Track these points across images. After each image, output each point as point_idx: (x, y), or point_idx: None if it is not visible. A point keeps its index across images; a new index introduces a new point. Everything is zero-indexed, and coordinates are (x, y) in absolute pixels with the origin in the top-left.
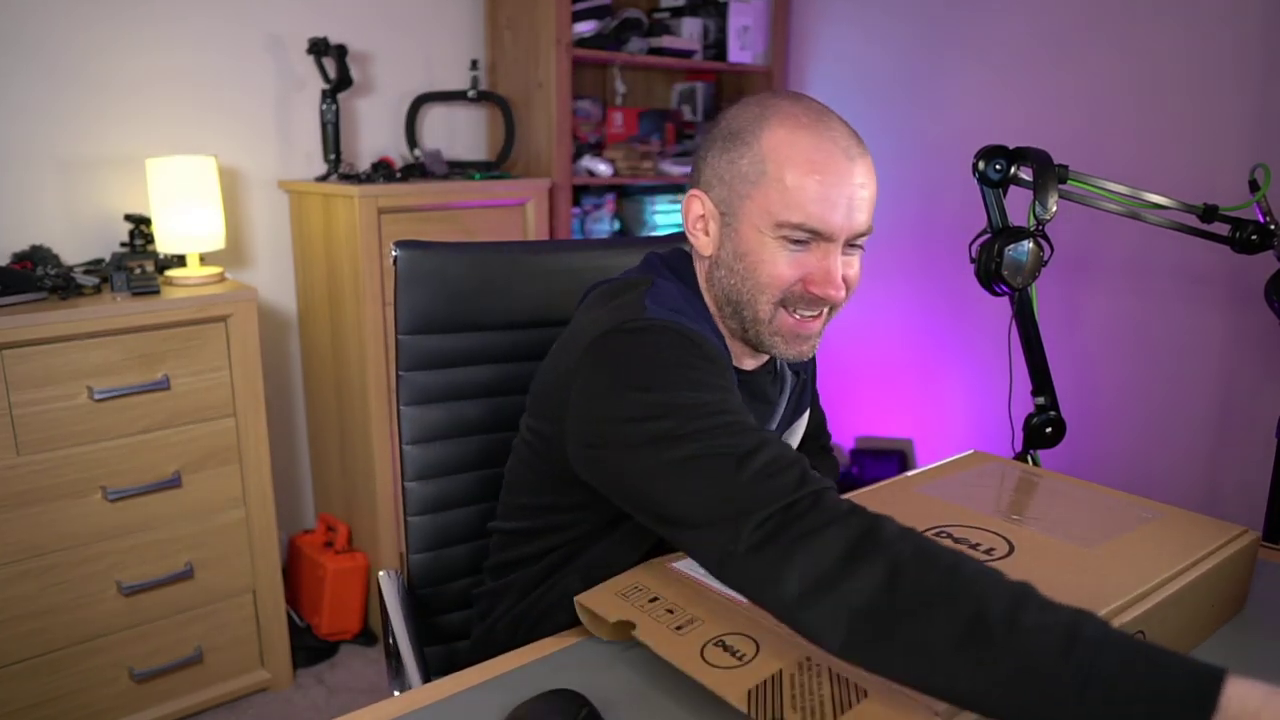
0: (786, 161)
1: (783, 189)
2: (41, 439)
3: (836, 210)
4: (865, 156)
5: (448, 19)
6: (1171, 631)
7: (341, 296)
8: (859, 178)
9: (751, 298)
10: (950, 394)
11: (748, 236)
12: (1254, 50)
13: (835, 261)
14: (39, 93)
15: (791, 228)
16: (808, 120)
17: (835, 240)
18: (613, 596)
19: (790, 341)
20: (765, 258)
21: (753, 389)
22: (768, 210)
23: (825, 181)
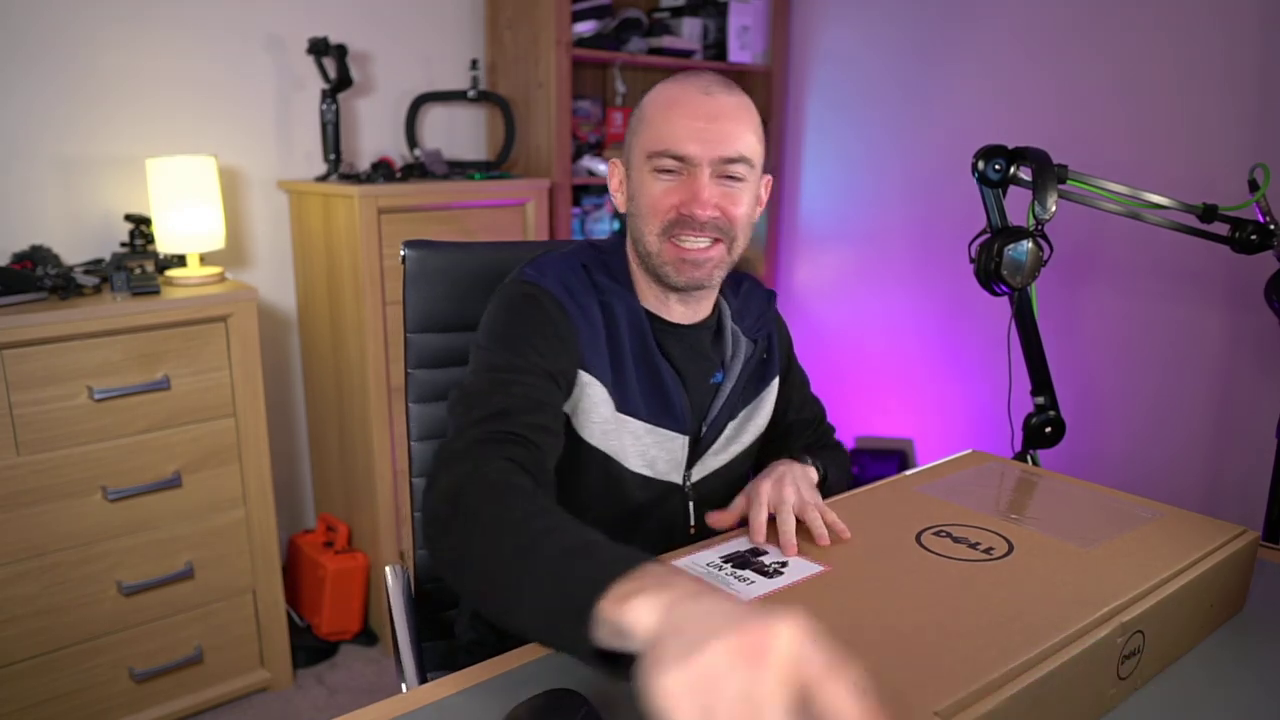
0: (652, 105)
1: (649, 127)
2: (41, 439)
3: (691, 137)
4: (730, 96)
5: (448, 19)
6: (1171, 631)
7: (341, 296)
8: (717, 109)
9: (643, 233)
10: (950, 394)
11: (635, 177)
12: (1253, 50)
13: (701, 184)
14: (39, 93)
15: (657, 155)
16: (680, 77)
17: (698, 164)
18: None
19: (679, 269)
20: (646, 189)
21: (687, 341)
22: (642, 149)
23: (682, 113)
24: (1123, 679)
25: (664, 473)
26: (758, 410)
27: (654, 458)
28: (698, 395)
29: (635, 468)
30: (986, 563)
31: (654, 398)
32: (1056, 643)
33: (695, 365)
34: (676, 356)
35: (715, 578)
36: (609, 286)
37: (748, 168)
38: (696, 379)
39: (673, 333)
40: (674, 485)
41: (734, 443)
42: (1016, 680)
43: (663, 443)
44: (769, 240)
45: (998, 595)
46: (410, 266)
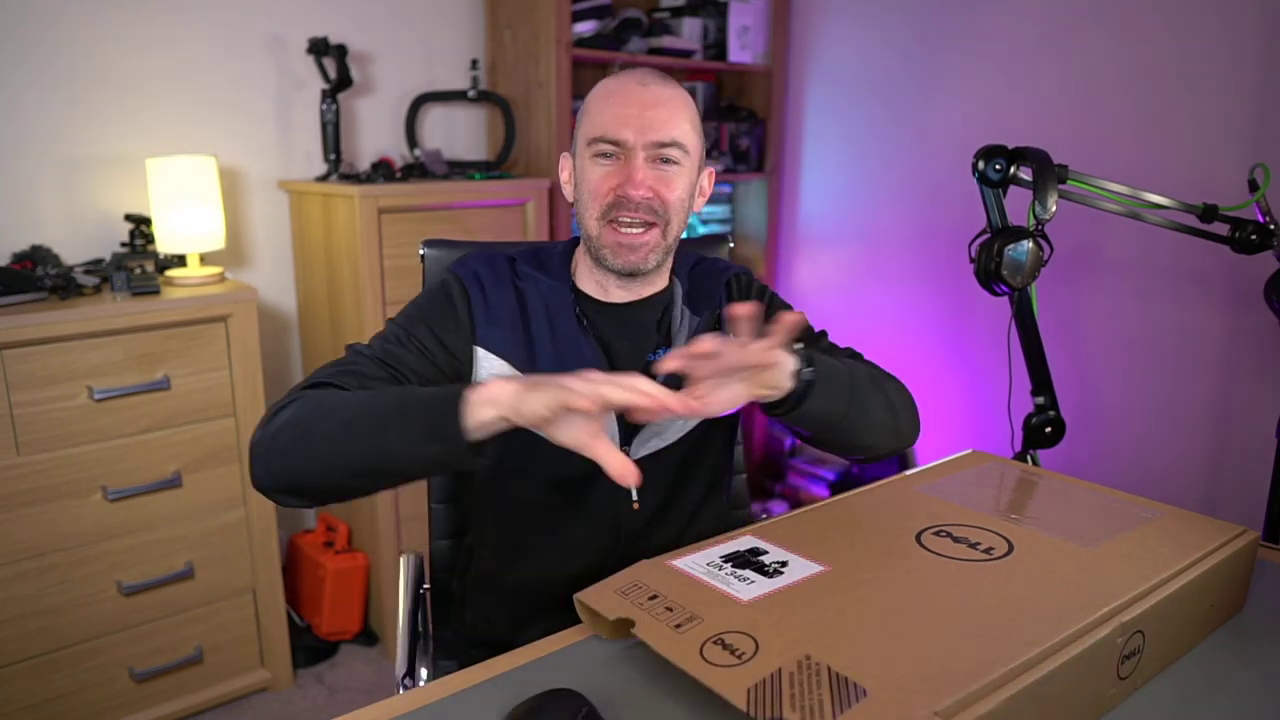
0: (592, 97)
1: (588, 117)
2: (41, 439)
3: (626, 123)
4: (664, 87)
5: (448, 19)
6: (1171, 631)
7: (341, 296)
8: (651, 97)
9: (585, 219)
10: (950, 394)
11: (579, 165)
12: (1254, 50)
13: (635, 166)
14: (39, 93)
15: (594, 141)
16: (620, 74)
17: (632, 148)
18: (612, 594)
19: (616, 252)
20: (586, 175)
21: (621, 318)
22: (584, 137)
23: (617, 102)
24: (1123, 679)
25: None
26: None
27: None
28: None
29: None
30: (986, 563)
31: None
32: (1056, 643)
33: (628, 342)
34: (607, 334)
35: (715, 576)
36: (530, 274)
37: (681, 153)
38: (628, 355)
39: (605, 311)
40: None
41: (681, 421)
42: (1016, 680)
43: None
44: (769, 240)
45: (998, 595)
46: (429, 265)
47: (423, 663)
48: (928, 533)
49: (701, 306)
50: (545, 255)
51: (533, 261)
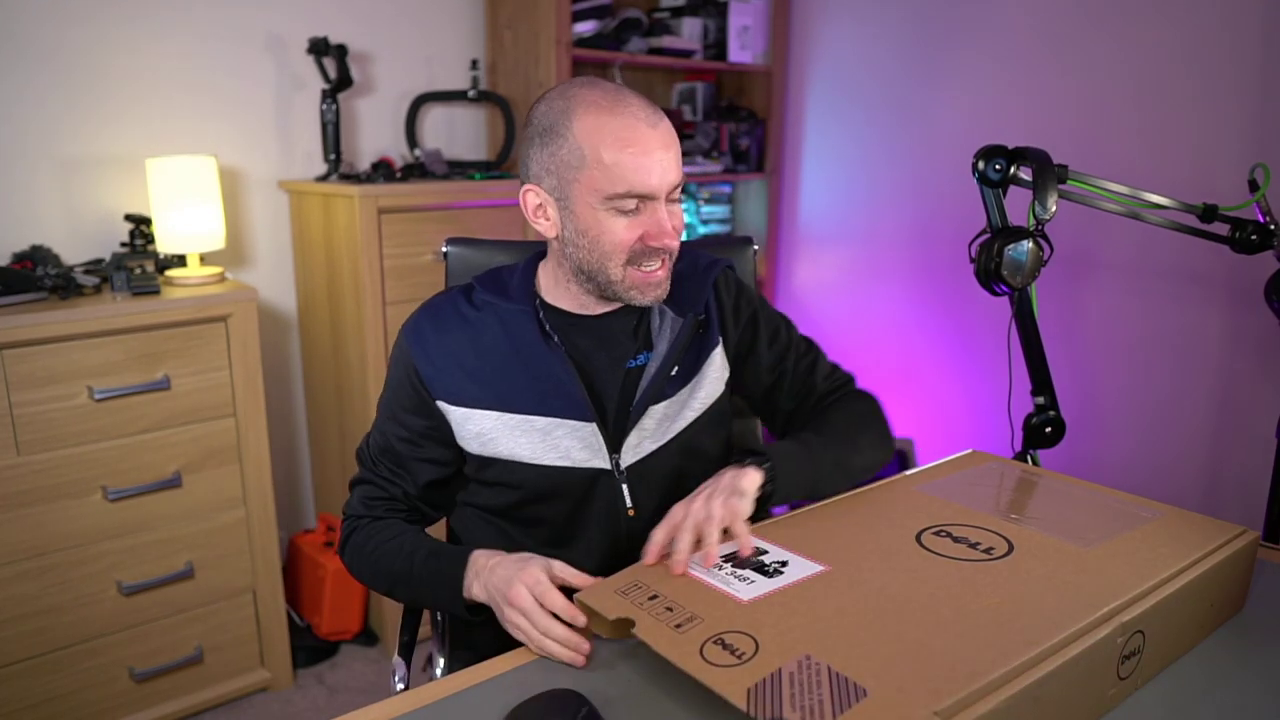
0: (600, 144)
1: (604, 168)
2: (42, 439)
3: (651, 174)
4: (663, 121)
5: (448, 19)
6: (1171, 631)
7: (341, 296)
8: (663, 140)
9: (601, 265)
10: (950, 394)
11: (584, 215)
12: (1254, 50)
13: (663, 216)
14: (39, 93)
15: (620, 198)
16: (607, 103)
17: (658, 198)
18: (612, 594)
19: (644, 291)
20: (605, 229)
21: (596, 331)
22: (596, 189)
23: (637, 152)
24: (1123, 679)
25: (584, 460)
26: (698, 389)
27: (567, 448)
28: (610, 381)
29: (549, 460)
30: (986, 563)
31: (549, 392)
32: (1056, 643)
33: (606, 352)
34: (583, 346)
35: (715, 576)
36: (488, 301)
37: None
38: (606, 365)
39: (580, 325)
40: (602, 470)
41: (670, 424)
42: (1016, 680)
43: (574, 432)
44: (769, 240)
45: (998, 595)
46: (452, 263)
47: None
48: (928, 533)
49: (685, 306)
50: (506, 277)
51: (493, 287)
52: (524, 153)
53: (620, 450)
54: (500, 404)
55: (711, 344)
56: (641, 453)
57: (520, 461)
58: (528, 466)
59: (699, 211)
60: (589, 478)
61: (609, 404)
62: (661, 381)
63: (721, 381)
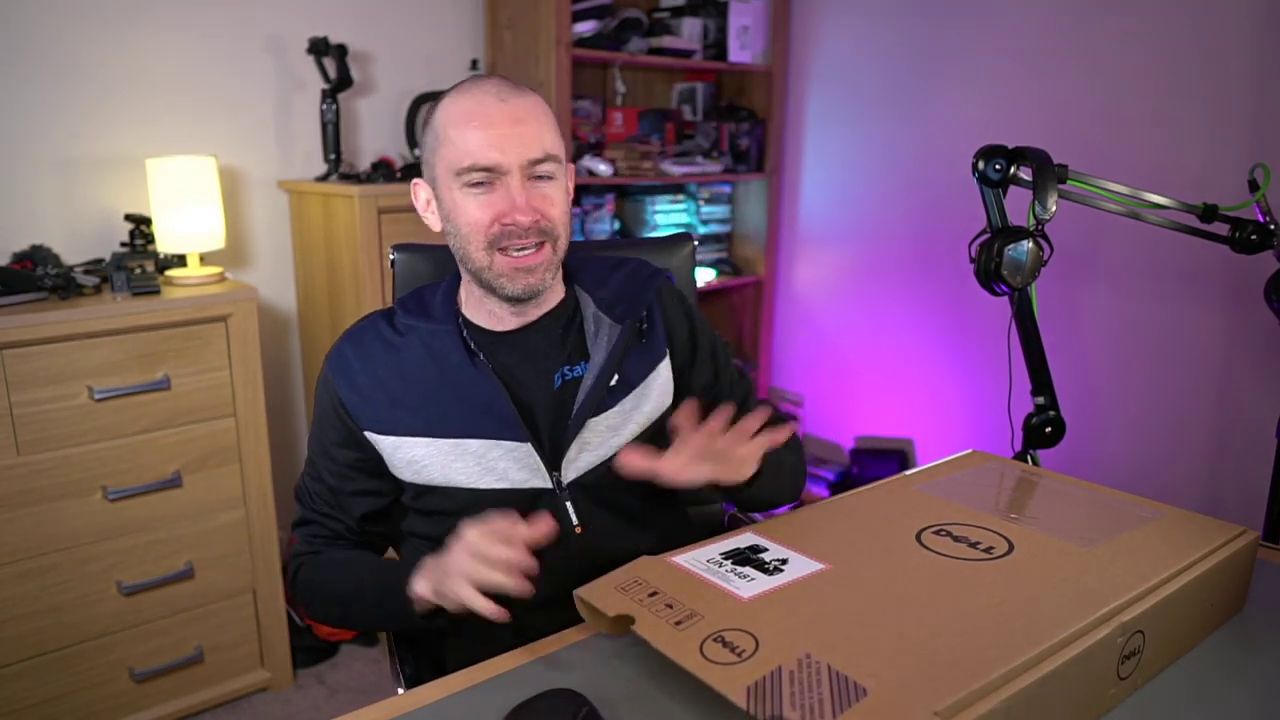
0: (449, 122)
1: (451, 144)
2: (41, 439)
3: (495, 148)
4: (522, 97)
5: (448, 19)
6: (1171, 631)
7: (341, 296)
8: (513, 115)
9: (466, 250)
10: (950, 394)
11: (446, 198)
12: (1254, 50)
13: (516, 191)
14: (39, 93)
15: (465, 171)
16: (467, 86)
17: (508, 171)
18: (612, 590)
19: (513, 278)
20: (461, 210)
21: (521, 346)
22: (448, 168)
23: (481, 125)
24: (1123, 679)
25: (523, 480)
26: (643, 400)
27: (504, 469)
28: (539, 396)
29: (486, 484)
30: (987, 562)
31: (479, 414)
32: (1056, 643)
33: (531, 366)
34: (509, 362)
35: (715, 573)
36: (410, 324)
37: (555, 164)
38: (533, 378)
39: (503, 341)
40: (543, 489)
41: (615, 435)
42: (1016, 680)
43: (508, 453)
44: (769, 240)
45: (998, 595)
46: (399, 269)
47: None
48: (928, 532)
49: (623, 313)
50: (429, 297)
51: (414, 309)
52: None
53: (560, 467)
54: (430, 430)
55: (658, 355)
56: (583, 467)
57: (457, 487)
58: (465, 491)
59: (699, 211)
60: (529, 498)
61: (541, 420)
62: (600, 392)
63: (668, 394)
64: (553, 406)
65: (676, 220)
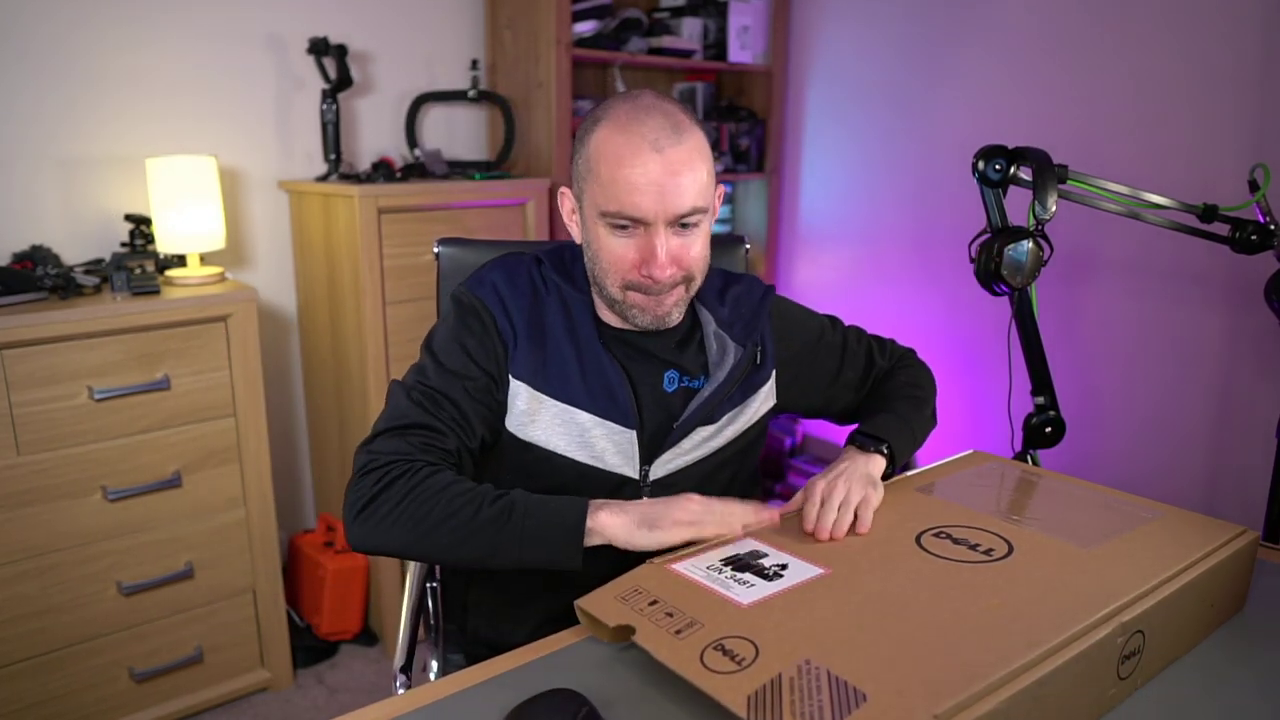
0: (602, 159)
1: (601, 183)
2: (41, 439)
3: (646, 196)
4: (678, 146)
5: (448, 19)
6: (1171, 631)
7: (341, 296)
8: (669, 166)
9: (603, 280)
10: (950, 394)
11: (590, 227)
12: (1254, 50)
13: (658, 243)
14: (39, 93)
15: (611, 215)
16: (625, 119)
17: (653, 224)
18: (613, 600)
19: (645, 311)
20: (602, 245)
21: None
22: (595, 203)
23: (633, 173)
24: (1123, 679)
25: (615, 465)
26: (741, 414)
27: (601, 449)
28: (648, 391)
29: (580, 457)
30: (986, 564)
31: (597, 391)
32: (1056, 643)
33: (640, 365)
34: (621, 356)
35: (715, 580)
36: (555, 282)
37: (701, 214)
38: (643, 378)
39: (617, 335)
40: (627, 478)
41: (708, 443)
42: (1016, 681)
43: (610, 435)
44: (769, 240)
45: (998, 597)
46: (444, 263)
47: (432, 655)
48: (928, 534)
49: (742, 335)
50: (570, 261)
51: (558, 267)
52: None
53: (653, 463)
54: (550, 389)
55: (764, 377)
56: (672, 468)
57: (552, 451)
58: (558, 458)
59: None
60: (614, 484)
61: (646, 415)
62: (712, 406)
63: (761, 413)
64: (659, 405)
65: None
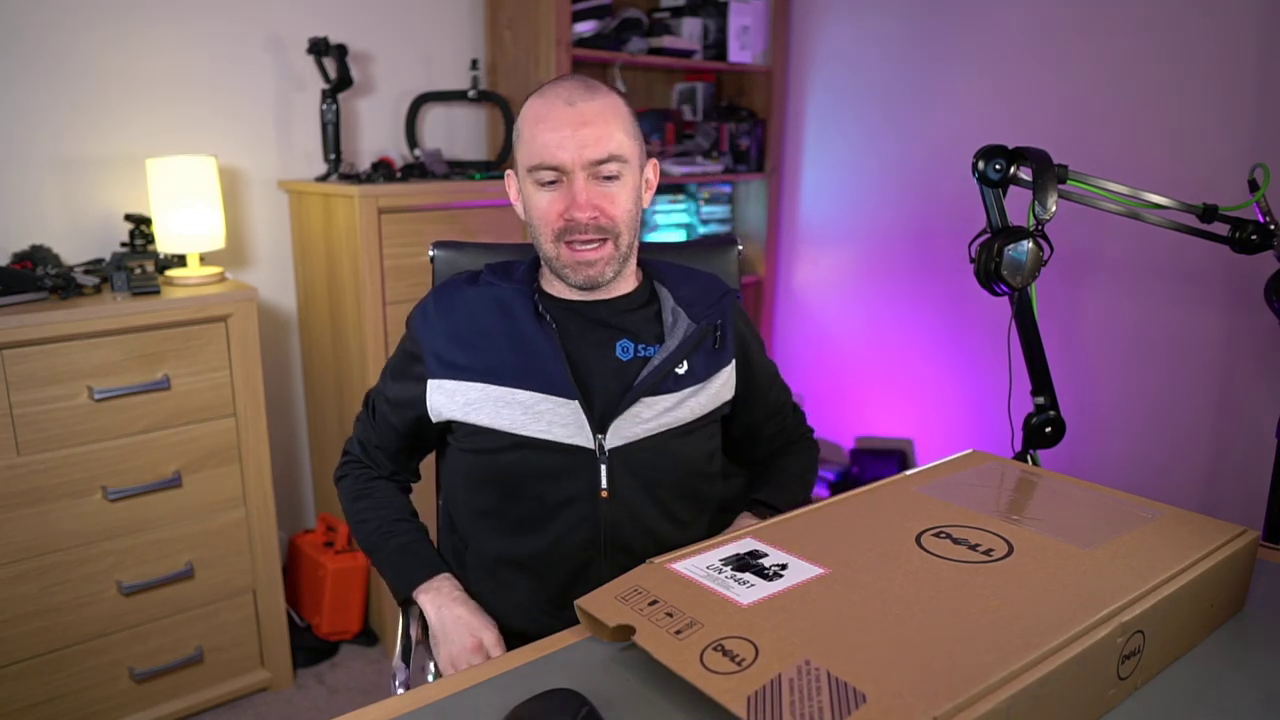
0: (524, 121)
1: (524, 143)
2: (42, 439)
3: (561, 146)
4: (591, 101)
5: (448, 19)
6: (1171, 631)
7: (341, 296)
8: (580, 116)
9: (538, 239)
10: (950, 394)
11: (525, 192)
12: (1253, 50)
13: (578, 189)
14: (39, 93)
15: (534, 169)
16: (546, 88)
17: (571, 170)
18: (612, 600)
19: (575, 270)
20: (532, 203)
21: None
22: (523, 164)
23: (548, 126)
24: (1123, 679)
25: (567, 436)
26: (704, 390)
27: (549, 422)
28: (598, 363)
29: (532, 431)
30: (986, 564)
31: (533, 369)
32: (1056, 643)
33: (591, 335)
34: (573, 329)
35: (715, 580)
36: (491, 281)
37: (620, 164)
38: (595, 348)
39: (573, 309)
40: (582, 448)
41: (670, 413)
42: (1016, 681)
43: (555, 408)
44: (769, 240)
45: (997, 597)
46: (439, 266)
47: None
48: (927, 534)
49: (700, 315)
50: (514, 266)
51: (498, 271)
52: None
53: (606, 432)
54: (486, 376)
55: (726, 359)
56: (629, 437)
57: (503, 430)
58: (510, 435)
59: (699, 211)
60: (568, 453)
61: (596, 385)
62: (666, 374)
63: (722, 397)
64: (613, 375)
65: (677, 220)
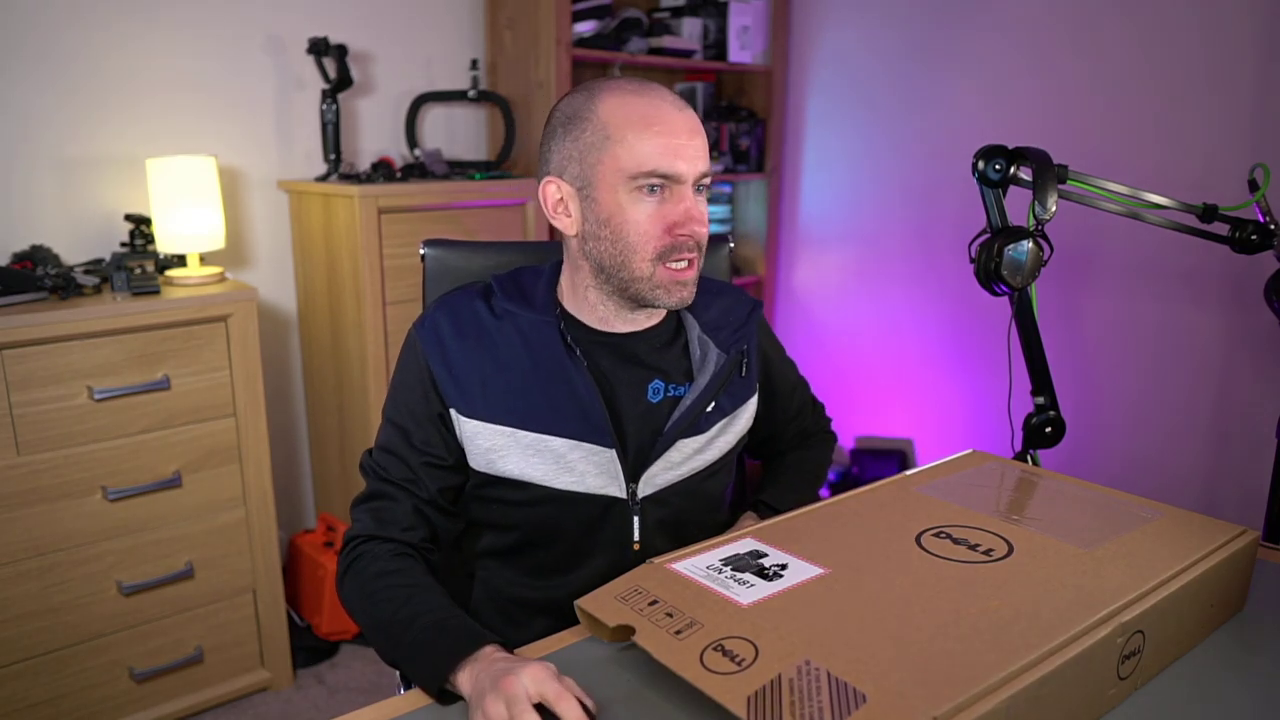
0: (625, 123)
1: (628, 147)
2: (41, 439)
3: (680, 154)
4: (689, 109)
5: (448, 19)
6: (1171, 631)
7: (341, 296)
8: (690, 126)
9: (625, 260)
10: (950, 394)
11: (607, 201)
12: (1253, 50)
13: (692, 202)
14: (40, 93)
15: (645, 176)
16: (632, 87)
17: (686, 183)
18: (612, 600)
19: (670, 291)
20: (629, 216)
21: (621, 352)
22: (620, 169)
23: (663, 131)
24: (1123, 679)
25: (599, 487)
26: (731, 425)
27: (582, 472)
28: (631, 405)
29: (562, 484)
30: (986, 564)
31: (569, 413)
32: (1057, 643)
33: (624, 374)
34: (605, 364)
35: (715, 580)
36: (509, 311)
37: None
38: (627, 384)
39: (604, 343)
40: (615, 499)
41: (699, 456)
42: (1016, 681)
43: (589, 456)
44: (769, 240)
45: (997, 597)
46: (429, 264)
47: None
48: (927, 534)
49: (728, 342)
50: (529, 285)
51: (514, 294)
52: (544, 149)
53: (639, 480)
54: (514, 420)
55: (751, 388)
56: (661, 484)
57: (531, 482)
58: (539, 488)
59: None
60: (601, 505)
61: (629, 430)
62: (696, 415)
63: (746, 427)
64: (644, 418)
65: None
